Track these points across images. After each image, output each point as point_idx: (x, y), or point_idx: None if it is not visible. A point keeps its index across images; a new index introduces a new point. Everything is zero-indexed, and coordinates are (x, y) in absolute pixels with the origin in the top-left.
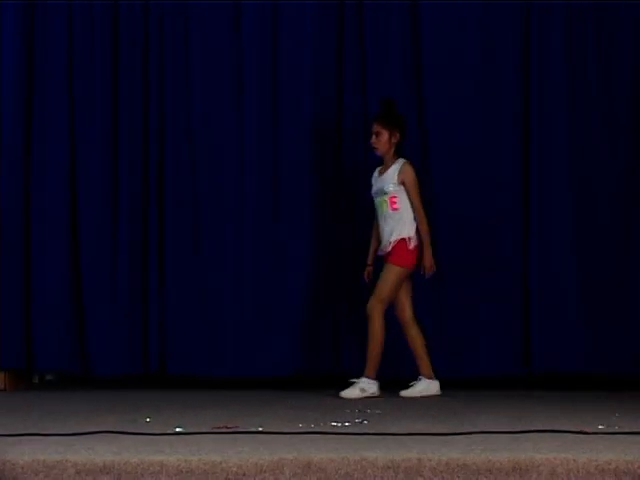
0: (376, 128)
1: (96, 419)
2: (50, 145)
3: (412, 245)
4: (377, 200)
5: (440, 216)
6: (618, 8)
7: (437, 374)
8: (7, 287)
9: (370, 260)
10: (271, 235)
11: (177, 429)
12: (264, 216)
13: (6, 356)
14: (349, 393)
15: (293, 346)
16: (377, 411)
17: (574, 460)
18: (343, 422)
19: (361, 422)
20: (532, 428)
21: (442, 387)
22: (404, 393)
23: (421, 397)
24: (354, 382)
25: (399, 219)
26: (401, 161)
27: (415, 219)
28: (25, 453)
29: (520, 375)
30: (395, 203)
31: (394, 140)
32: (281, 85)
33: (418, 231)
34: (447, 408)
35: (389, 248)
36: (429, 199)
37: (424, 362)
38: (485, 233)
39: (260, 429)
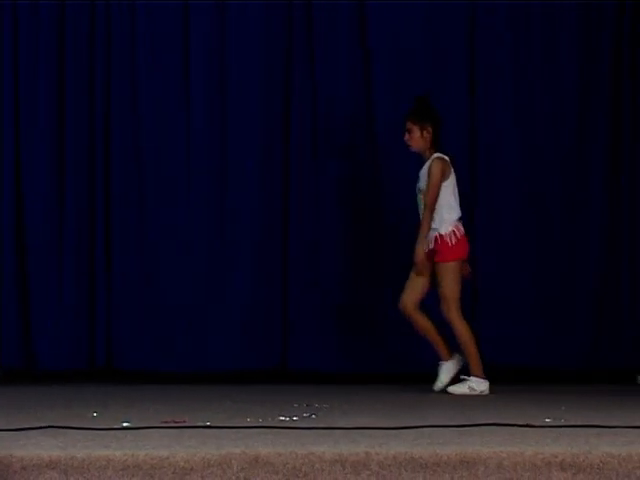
0: (407, 125)
1: (41, 414)
2: None
3: (453, 240)
4: (418, 198)
5: (387, 209)
6: (562, 7)
7: (386, 368)
8: None
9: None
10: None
11: (124, 424)
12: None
13: None
14: (456, 389)
15: (238, 340)
16: (325, 405)
17: (521, 453)
18: (291, 416)
19: (309, 416)
20: (479, 422)
21: (392, 382)
22: (451, 389)
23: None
24: (464, 379)
25: (434, 217)
26: (434, 156)
27: (449, 212)
28: None
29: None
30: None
31: (427, 135)
32: (229, 86)
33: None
34: (394, 403)
35: (431, 246)
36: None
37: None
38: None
39: (208, 424)
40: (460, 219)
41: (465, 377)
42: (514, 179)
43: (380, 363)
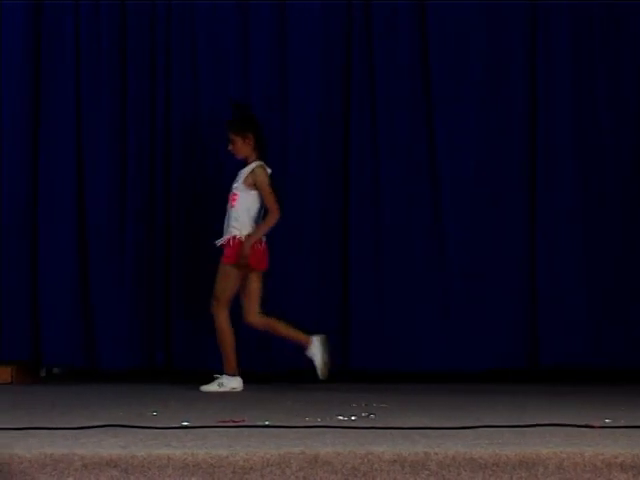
0: (230, 136)
1: (103, 413)
2: (57, 144)
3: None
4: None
5: (448, 214)
6: (624, 6)
7: (440, 366)
8: (14, 280)
9: None
10: None
11: (183, 423)
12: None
13: (13, 349)
14: (207, 387)
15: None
16: (383, 405)
17: (581, 454)
18: (349, 416)
19: (368, 416)
20: (539, 422)
21: (448, 381)
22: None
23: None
24: (216, 377)
25: (235, 218)
26: (256, 164)
27: (253, 219)
28: (32, 447)
29: (526, 369)
30: (235, 200)
31: (249, 142)
32: (289, 87)
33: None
34: (454, 402)
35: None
36: (436, 200)
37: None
38: (493, 230)
39: (267, 423)
40: None
41: (217, 375)
42: (573, 181)
43: (441, 360)
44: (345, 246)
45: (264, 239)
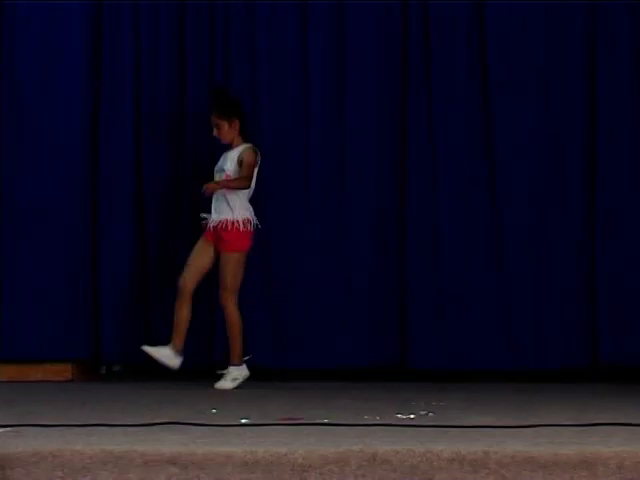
0: (214, 120)
1: (162, 410)
2: (116, 145)
3: (242, 228)
4: (216, 176)
5: (505, 212)
6: None
7: (499, 365)
8: (74, 279)
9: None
10: None
11: (243, 420)
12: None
13: (74, 347)
14: (225, 384)
15: (356, 337)
16: (442, 403)
17: None
18: (409, 414)
19: (426, 414)
20: (599, 421)
21: (507, 380)
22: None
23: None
24: (222, 373)
25: (229, 200)
26: (247, 145)
27: (246, 200)
28: (93, 444)
29: (587, 368)
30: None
31: (235, 126)
32: (347, 86)
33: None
34: (514, 401)
35: (214, 225)
36: (493, 199)
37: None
38: (552, 228)
39: (325, 421)
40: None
41: (222, 371)
42: (635, 172)
43: (501, 359)
44: (402, 245)
45: (252, 222)
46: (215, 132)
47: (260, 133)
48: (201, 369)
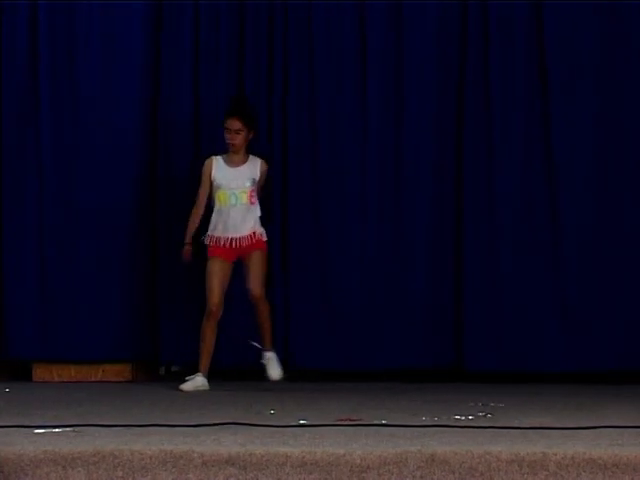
0: (236, 124)
1: (221, 411)
2: (175, 146)
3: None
4: (231, 197)
5: (565, 214)
6: None
7: (558, 366)
8: (137, 280)
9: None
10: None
11: (301, 421)
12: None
13: (133, 348)
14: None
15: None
16: (501, 404)
17: None
18: (467, 415)
19: (485, 415)
20: None
21: (567, 381)
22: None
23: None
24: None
25: (254, 213)
26: (258, 159)
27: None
28: (152, 443)
29: None
30: (253, 197)
31: (250, 137)
32: (404, 86)
33: None
34: (572, 402)
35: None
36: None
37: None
38: (612, 228)
39: (383, 422)
40: None
41: (263, 362)
42: None
43: (558, 361)
44: (459, 248)
45: None
46: (230, 137)
47: (315, 132)
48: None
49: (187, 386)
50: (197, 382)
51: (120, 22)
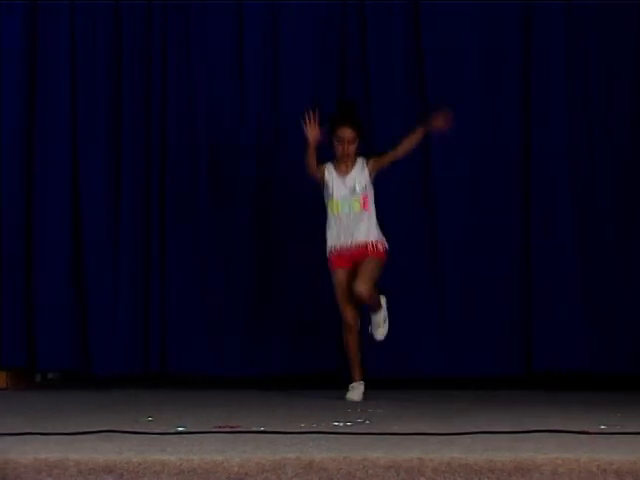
0: (349, 133)
1: (98, 418)
2: (52, 145)
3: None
4: (344, 205)
5: (441, 216)
6: (621, 7)
7: (437, 373)
8: (9, 285)
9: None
10: None
11: (179, 428)
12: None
13: (8, 355)
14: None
15: (293, 344)
16: (379, 410)
17: (576, 460)
18: (345, 422)
19: (363, 422)
20: (534, 428)
21: (443, 387)
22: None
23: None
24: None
25: (370, 218)
26: (360, 159)
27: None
28: (27, 452)
29: (520, 375)
30: (367, 203)
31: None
32: (282, 85)
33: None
34: (448, 408)
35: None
36: (428, 199)
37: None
38: (487, 234)
39: (262, 429)
40: None
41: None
42: (568, 191)
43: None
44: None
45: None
46: (343, 148)
47: (193, 136)
48: (137, 376)
49: (355, 395)
50: (361, 389)
51: None
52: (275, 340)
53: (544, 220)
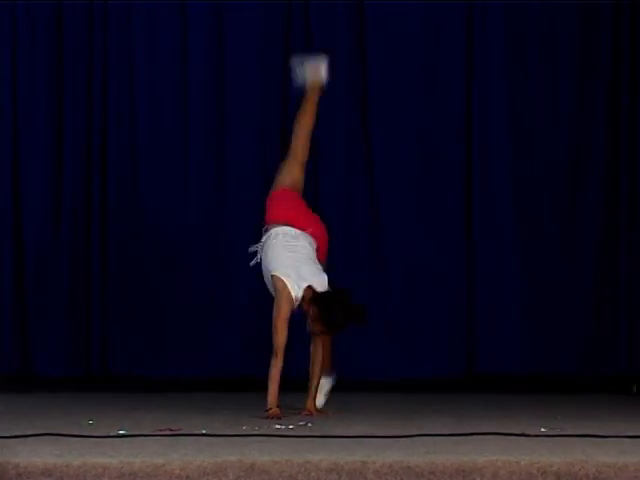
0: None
1: (38, 421)
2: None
3: None
4: None
5: (384, 220)
6: (560, 7)
7: (377, 375)
8: None
9: None
10: None
11: (120, 431)
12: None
13: None
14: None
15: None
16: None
17: (516, 462)
18: (287, 425)
19: (305, 425)
20: (475, 431)
21: (383, 389)
22: None
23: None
24: None
25: None
26: None
27: None
28: None
29: (462, 377)
30: None
31: None
32: (227, 87)
33: None
34: (391, 411)
35: None
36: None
37: None
38: (429, 235)
39: (203, 431)
40: None
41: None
42: (510, 188)
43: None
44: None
45: None
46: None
47: (134, 137)
48: (78, 379)
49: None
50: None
51: None
52: (219, 341)
53: (485, 219)
